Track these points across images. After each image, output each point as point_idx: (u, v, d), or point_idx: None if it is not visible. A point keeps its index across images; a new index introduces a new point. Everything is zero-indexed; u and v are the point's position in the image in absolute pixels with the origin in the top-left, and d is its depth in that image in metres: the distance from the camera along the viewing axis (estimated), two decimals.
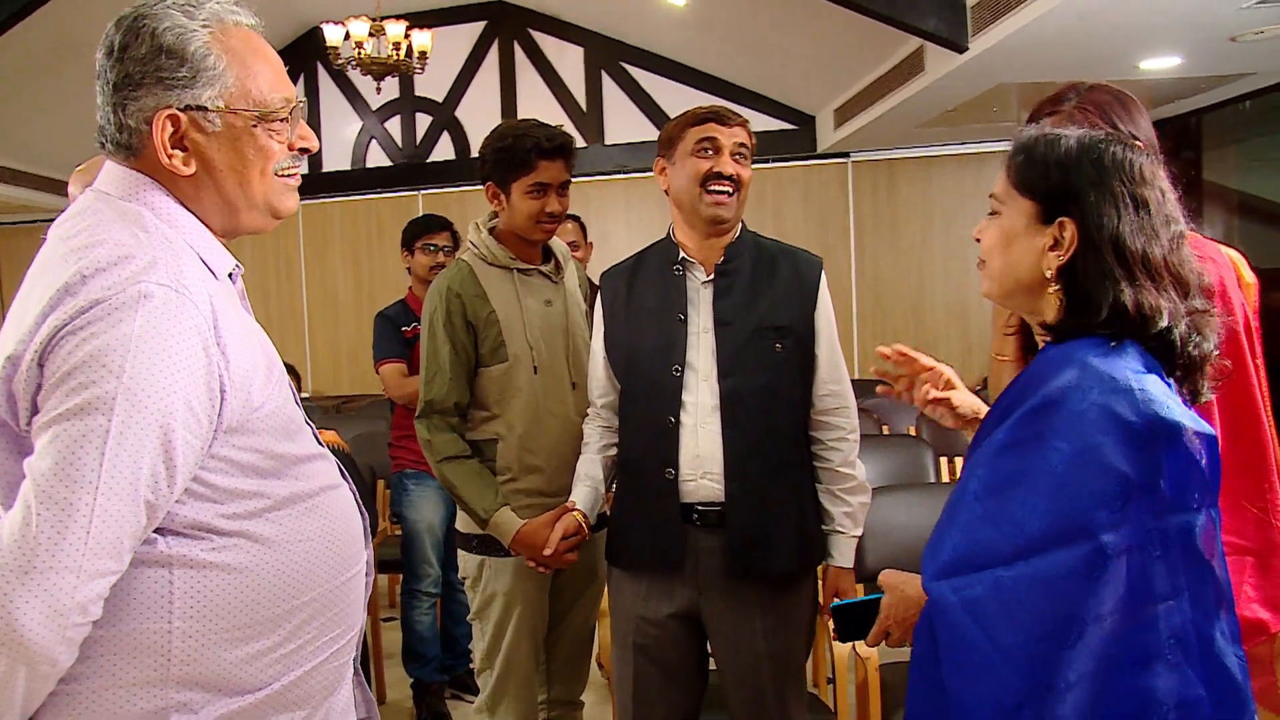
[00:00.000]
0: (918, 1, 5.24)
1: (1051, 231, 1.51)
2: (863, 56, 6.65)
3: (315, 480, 1.47)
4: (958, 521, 1.48)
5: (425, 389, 2.66)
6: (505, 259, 2.71)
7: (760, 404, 2.36)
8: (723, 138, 2.38)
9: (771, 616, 2.39)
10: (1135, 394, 1.39)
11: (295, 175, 1.51)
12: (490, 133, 2.76)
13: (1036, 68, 5.62)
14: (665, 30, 8.00)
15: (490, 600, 2.69)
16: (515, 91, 8.88)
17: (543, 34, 8.82)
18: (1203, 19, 4.81)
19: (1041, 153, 1.54)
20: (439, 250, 4.23)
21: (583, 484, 2.55)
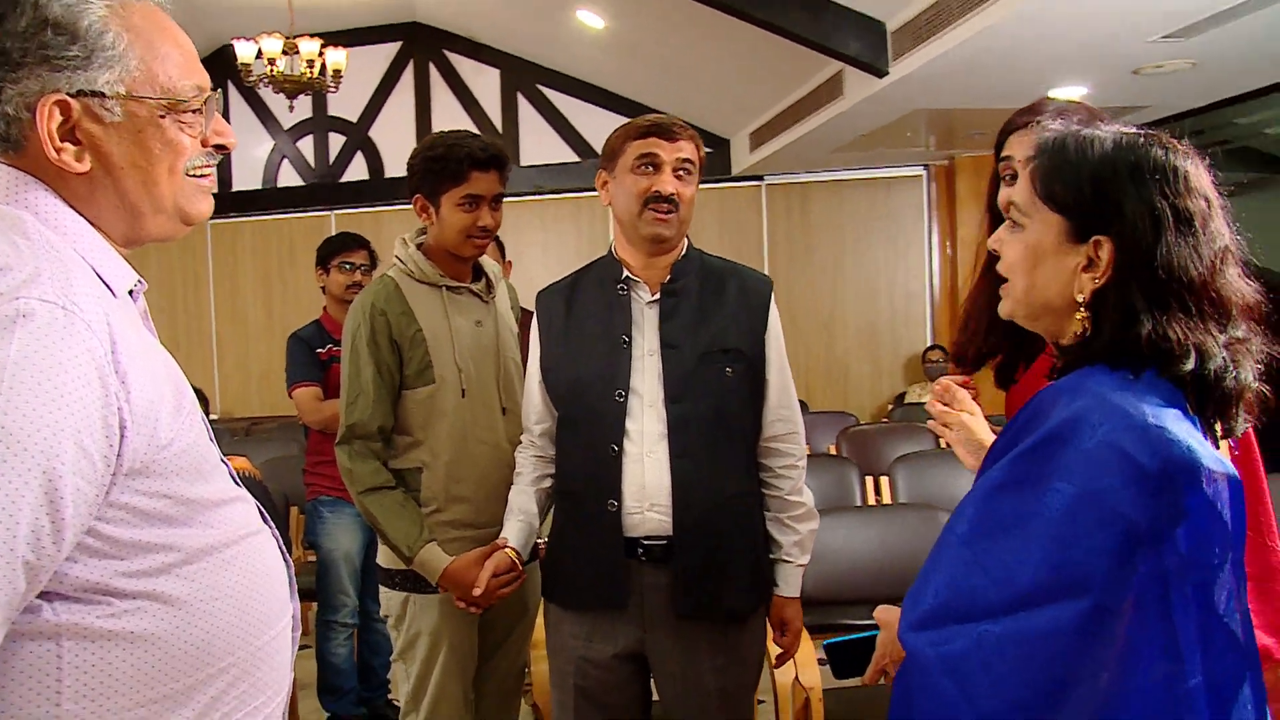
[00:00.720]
0: (840, 26, 5.16)
1: (1085, 250, 1.30)
2: (781, 80, 6.56)
3: (233, 527, 1.24)
4: (943, 566, 1.29)
5: (346, 413, 2.42)
6: (434, 276, 2.49)
7: (710, 431, 2.17)
8: (664, 153, 2.19)
9: (722, 654, 2.20)
10: (1151, 431, 1.18)
11: (209, 176, 1.28)
12: (420, 143, 2.54)
13: (951, 94, 5.58)
14: (582, 53, 7.84)
15: (415, 639, 2.45)
16: (430, 112, 8.64)
17: (458, 55, 8.61)
18: (1110, 51, 4.81)
19: (1072, 159, 1.32)
20: (356, 269, 3.98)
21: (515, 518, 2.33)
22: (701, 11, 5.35)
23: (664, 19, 6.27)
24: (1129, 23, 4.35)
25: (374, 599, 3.88)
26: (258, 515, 1.33)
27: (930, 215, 8.52)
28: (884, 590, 3.27)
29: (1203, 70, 5.12)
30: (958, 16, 4.47)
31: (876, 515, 3.44)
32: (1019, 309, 1.40)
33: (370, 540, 3.84)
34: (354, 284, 3.94)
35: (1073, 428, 1.21)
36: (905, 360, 8.59)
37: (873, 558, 3.23)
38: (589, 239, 8.51)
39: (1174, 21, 4.32)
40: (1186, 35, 4.50)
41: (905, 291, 8.59)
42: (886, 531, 3.27)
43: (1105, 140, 1.32)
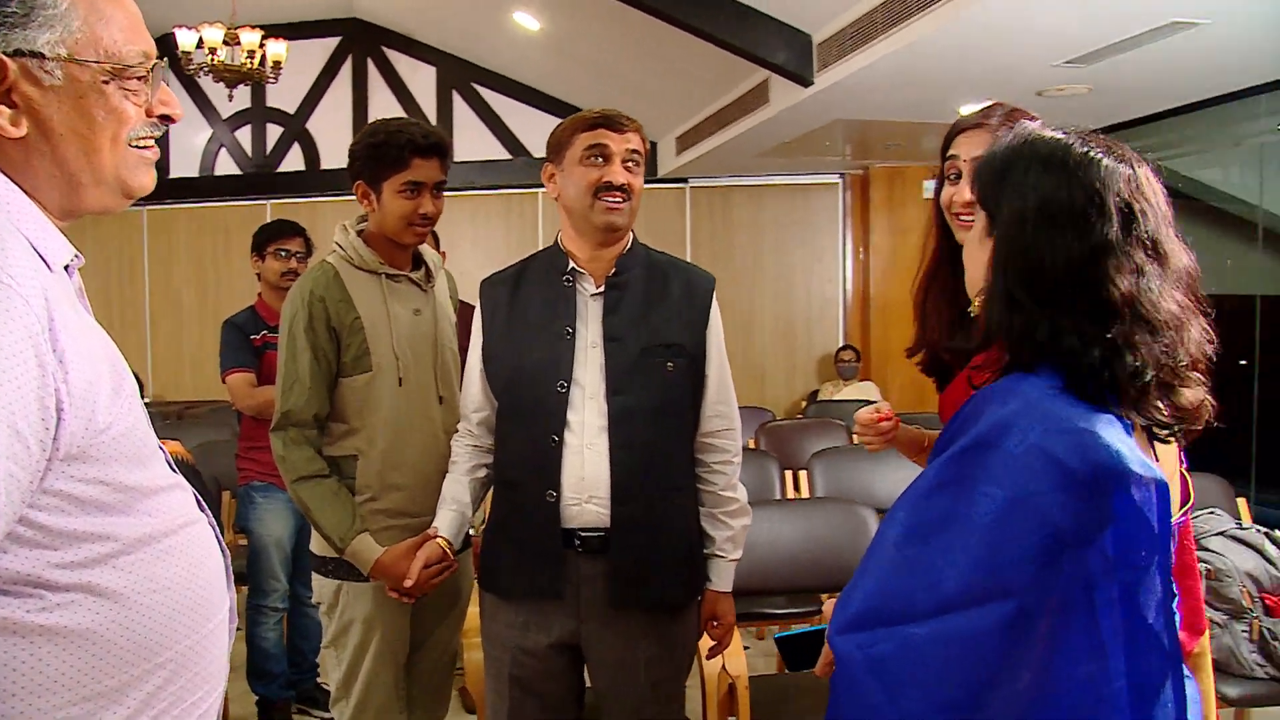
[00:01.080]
0: (769, 36, 5.11)
1: (989, 244, 1.28)
2: (708, 87, 6.51)
3: (171, 516, 1.13)
4: (872, 569, 1.24)
5: (282, 399, 2.29)
6: (373, 263, 2.37)
7: (651, 425, 2.09)
8: (614, 144, 2.11)
9: (655, 645, 2.13)
10: (1080, 436, 1.13)
11: (152, 148, 1.16)
12: (361, 130, 2.42)
13: (870, 106, 5.58)
14: (517, 54, 7.71)
15: (348, 627, 2.33)
16: (367, 107, 8.42)
17: (396, 52, 8.41)
18: (1018, 72, 4.84)
19: (994, 153, 1.30)
20: (291, 256, 3.82)
21: (447, 508, 2.22)
22: (635, 17, 5.28)
23: (599, 23, 6.17)
24: (1036, 47, 4.38)
25: (304, 584, 3.74)
26: (194, 503, 1.22)
27: (845, 222, 8.55)
28: (806, 581, 3.24)
29: (1099, 95, 5.19)
30: (881, 32, 4.45)
31: (799, 509, 3.39)
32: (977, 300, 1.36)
33: (301, 525, 3.70)
34: (289, 271, 3.79)
35: (1001, 432, 1.16)
36: (819, 359, 8.61)
37: (796, 550, 3.18)
38: (518, 235, 8.38)
39: (1076, 48, 4.37)
40: (1087, 62, 4.55)
41: (820, 294, 8.62)
42: (809, 525, 3.22)
43: (1028, 137, 1.28)
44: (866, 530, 3.21)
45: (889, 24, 4.39)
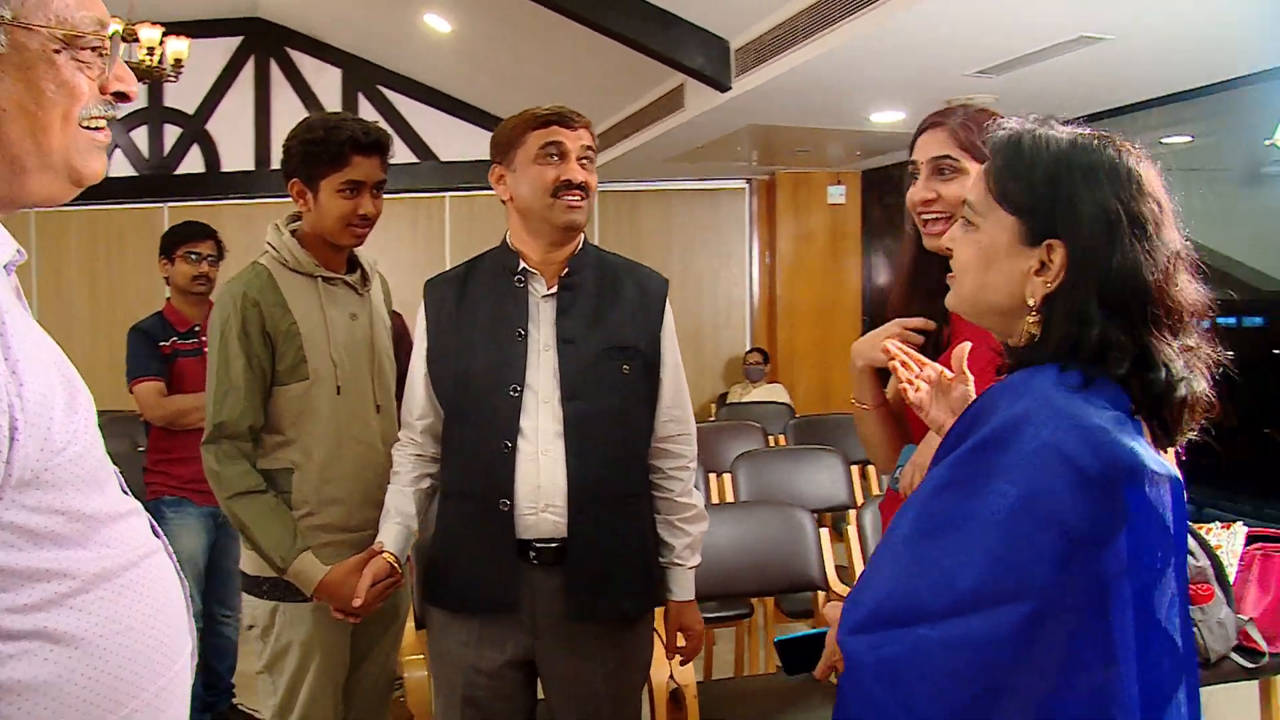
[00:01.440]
0: (687, 41, 5.03)
1: (1038, 254, 1.19)
2: (623, 91, 6.42)
3: (129, 546, 0.98)
4: (883, 568, 1.19)
5: (215, 410, 2.11)
6: (309, 265, 2.20)
7: (607, 430, 1.98)
8: (569, 141, 2.00)
9: (613, 658, 2.02)
10: (1094, 433, 1.09)
11: (104, 130, 1.01)
12: (297, 125, 2.25)
13: (785, 112, 5.56)
14: (426, 57, 7.49)
15: (285, 650, 2.15)
16: (270, 108, 8.09)
17: (300, 53, 8.09)
18: (929, 81, 4.85)
19: (1027, 159, 1.21)
20: (203, 259, 3.59)
21: (392, 521, 2.07)
22: (549, 20, 5.15)
23: (512, 26, 6.02)
24: (950, 57, 4.40)
25: (218, 601, 3.54)
26: (150, 529, 1.07)
27: (751, 226, 8.55)
28: (744, 586, 3.15)
29: (1003, 104, 5.19)
30: (801, 39, 4.41)
31: (733, 512, 3.30)
32: (965, 307, 1.31)
33: (215, 541, 3.48)
34: (200, 275, 3.57)
35: (1014, 428, 1.12)
36: (726, 361, 8.60)
37: (729, 555, 3.10)
38: (426, 240, 8.16)
39: (989, 59, 4.40)
40: (997, 72, 4.59)
41: (727, 297, 8.60)
42: (744, 529, 3.14)
43: (1060, 140, 1.22)
44: (804, 533, 3.15)
45: (809, 31, 4.35)
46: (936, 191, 1.72)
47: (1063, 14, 3.73)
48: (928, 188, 1.73)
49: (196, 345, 3.53)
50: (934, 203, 1.73)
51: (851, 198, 8.04)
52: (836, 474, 4.26)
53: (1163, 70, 4.44)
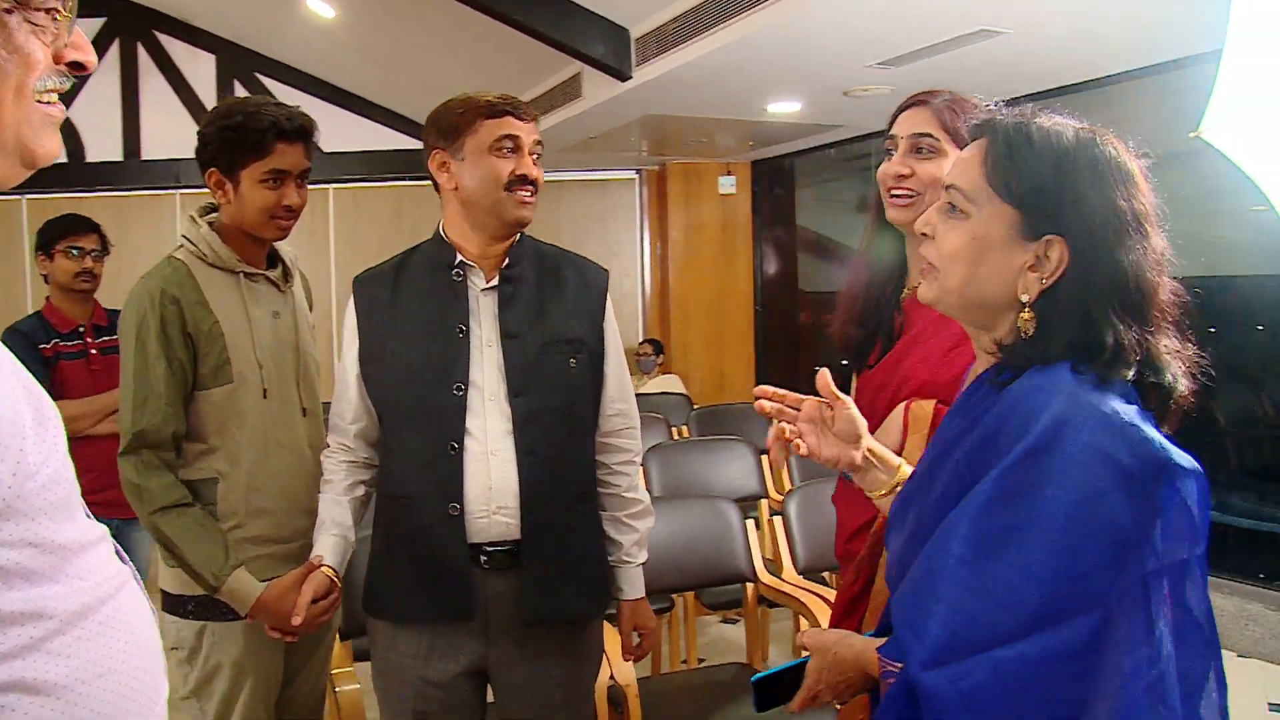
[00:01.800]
0: (586, 28, 4.95)
1: (1035, 249, 1.16)
2: (516, 80, 6.28)
3: (103, 577, 0.88)
4: (943, 591, 1.12)
5: (133, 418, 1.96)
6: (231, 260, 2.07)
7: (557, 426, 1.92)
8: (524, 135, 1.92)
9: (567, 662, 1.96)
10: (1128, 430, 1.08)
11: (58, 105, 0.89)
12: (213, 110, 2.10)
13: (684, 102, 5.53)
14: (308, 44, 7.20)
15: (214, 673, 2.02)
16: (138, 95, 7.66)
17: (171, 38, 7.67)
18: (830, 72, 4.89)
19: (1036, 149, 1.16)
20: (86, 254, 3.36)
21: (328, 533, 1.96)
22: (440, 5, 5.01)
23: (401, 12, 5.83)
24: (852, 49, 4.43)
25: None
26: (117, 556, 0.96)
27: (642, 217, 8.52)
28: (671, 580, 3.11)
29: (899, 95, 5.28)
30: (705, 28, 4.38)
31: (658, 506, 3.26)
32: (950, 299, 1.24)
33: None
34: (84, 271, 3.34)
35: (1055, 432, 1.09)
36: None
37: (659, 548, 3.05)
38: (308, 233, 7.83)
39: (889, 51, 4.45)
40: (896, 64, 4.65)
41: (619, 289, 8.52)
42: (669, 522, 3.10)
43: (1065, 133, 1.18)
44: (730, 526, 3.13)
45: (712, 21, 4.33)
46: (912, 168, 1.73)
47: (963, 8, 3.80)
48: (904, 163, 1.73)
49: (81, 347, 3.30)
50: (907, 179, 1.73)
51: (742, 188, 8.09)
52: (748, 464, 4.27)
53: (1057, 65, 4.57)
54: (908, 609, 1.15)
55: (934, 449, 1.28)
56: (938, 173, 1.71)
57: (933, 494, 1.21)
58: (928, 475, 1.24)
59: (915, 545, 1.20)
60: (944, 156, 1.73)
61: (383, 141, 7.91)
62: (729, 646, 4.44)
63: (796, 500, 3.21)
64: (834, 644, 1.30)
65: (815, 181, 8.04)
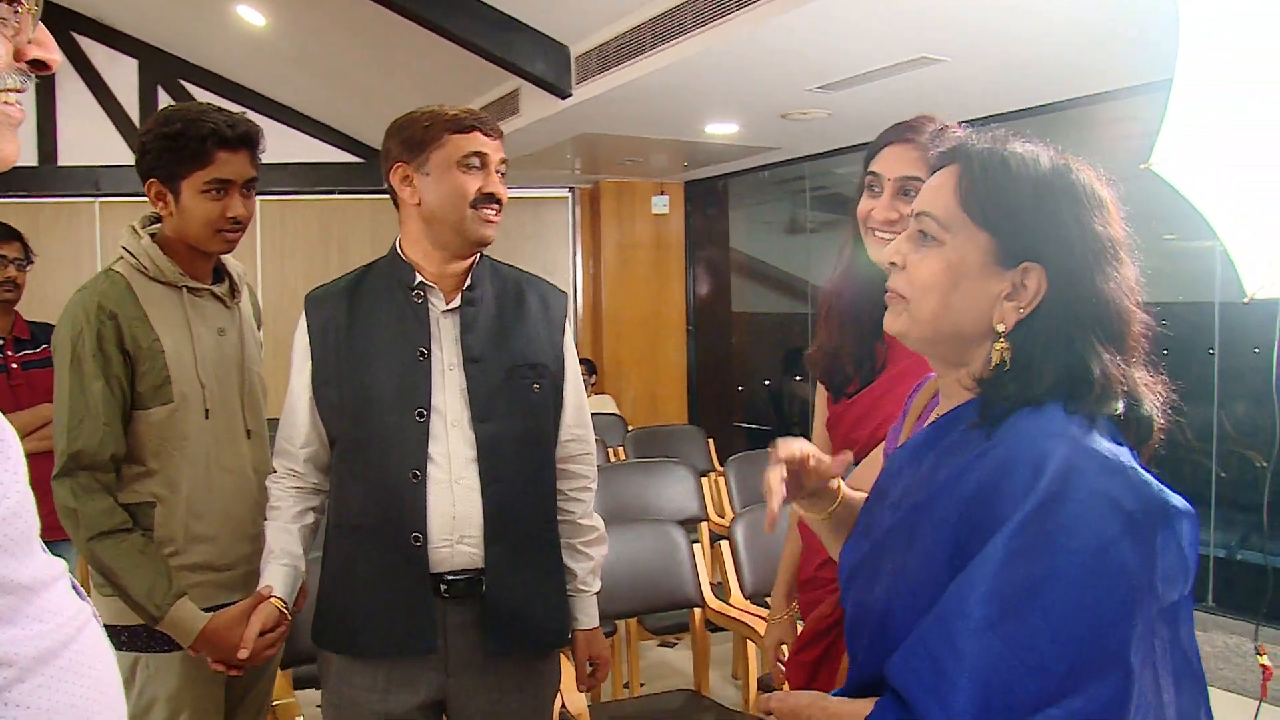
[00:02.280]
0: (525, 45, 4.91)
1: (1011, 277, 1.12)
2: (451, 95, 6.18)
3: (64, 617, 0.80)
4: (968, 657, 1.02)
5: (68, 438, 1.85)
6: (173, 274, 1.97)
7: (522, 453, 1.87)
8: (491, 152, 1.88)
9: (527, 692, 1.91)
10: (1128, 473, 1.04)
11: (18, 106, 0.82)
12: (152, 117, 2.01)
13: (622, 121, 5.51)
14: (237, 53, 7.04)
15: (149, 708, 1.91)
16: (55, 100, 7.40)
17: (90, 40, 7.43)
18: (769, 95, 4.92)
19: (1014, 174, 1.13)
20: (9, 263, 3.22)
21: (277, 562, 1.88)
22: (376, 17, 4.90)
23: (334, 21, 5.72)
24: (793, 72, 4.46)
25: None
26: (76, 593, 0.89)
27: (575, 236, 8.48)
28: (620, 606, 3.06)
29: (836, 119, 5.39)
30: (647, 48, 4.38)
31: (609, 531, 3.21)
32: (919, 331, 1.18)
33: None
34: (6, 281, 3.21)
35: (1064, 481, 1.03)
36: None
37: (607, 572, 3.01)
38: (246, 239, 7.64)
39: (830, 75, 4.49)
40: (835, 88, 4.70)
41: None
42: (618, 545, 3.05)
43: (1040, 158, 1.14)
44: (679, 550, 3.10)
45: (655, 42, 4.33)
46: (900, 212, 1.70)
47: (903, 35, 3.85)
48: (892, 207, 1.71)
49: (1, 362, 3.15)
50: (896, 223, 1.70)
51: (675, 208, 8.10)
52: (688, 486, 4.25)
53: (996, 92, 4.66)
54: (924, 676, 1.05)
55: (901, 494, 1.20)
56: None
57: (916, 547, 1.12)
58: (904, 527, 1.15)
59: (903, 599, 1.12)
60: None
61: (312, 154, 7.76)
62: (669, 671, 4.40)
63: (743, 525, 3.20)
64: (805, 707, 1.17)
65: (748, 203, 8.09)
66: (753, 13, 3.72)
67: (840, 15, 3.61)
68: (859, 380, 1.81)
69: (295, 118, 7.66)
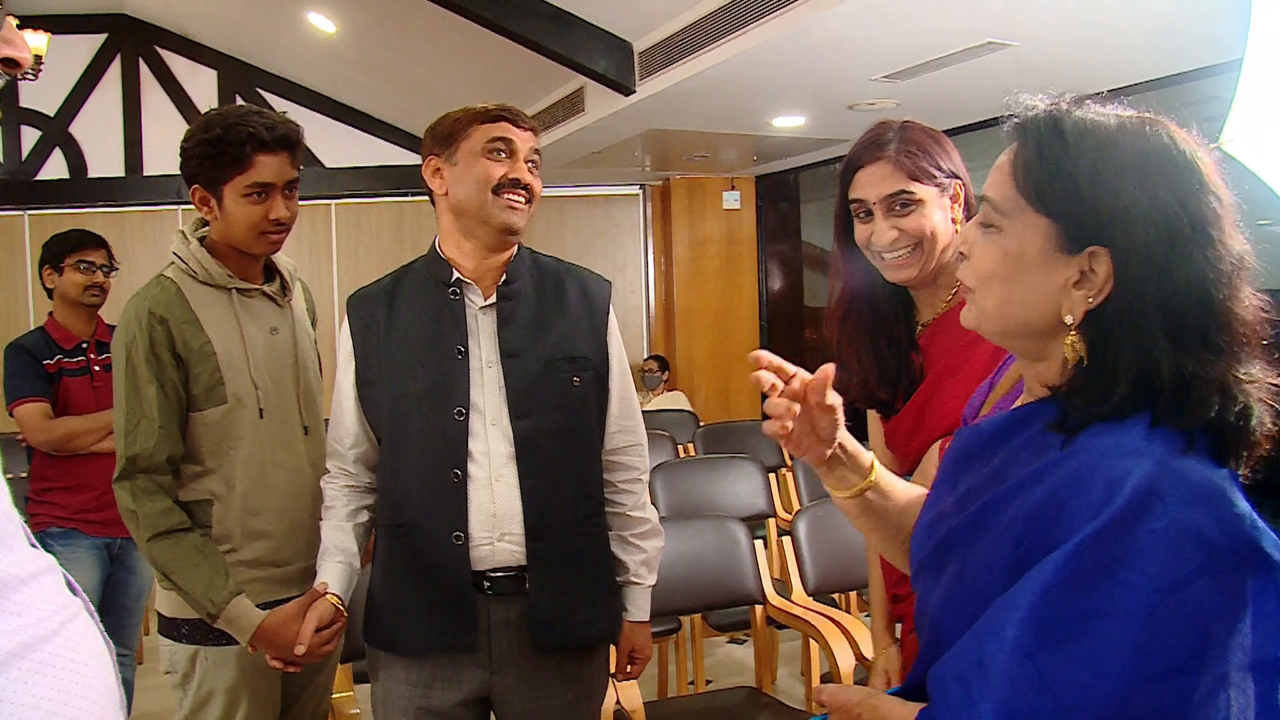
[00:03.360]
0: (589, 43, 4.93)
1: (1078, 263, 1.00)
2: (519, 95, 6.25)
3: (46, 612, 0.80)
4: (996, 683, 0.95)
5: (126, 443, 1.90)
6: (221, 277, 2.01)
7: (561, 448, 1.86)
8: (518, 141, 1.87)
9: (573, 689, 1.90)
10: (1221, 504, 0.93)
11: None
12: (195, 122, 2.04)
13: (687, 116, 5.50)
14: (309, 59, 7.20)
15: (207, 699, 1.96)
16: (140, 111, 7.65)
17: (172, 53, 7.67)
18: (835, 86, 4.86)
19: (1070, 147, 1.00)
20: (97, 269, 3.32)
21: (332, 559, 1.90)
22: (443, 20, 4.97)
23: (403, 27, 5.81)
24: (858, 62, 4.40)
25: (116, 640, 3.27)
26: (67, 588, 0.89)
27: (646, 232, 8.49)
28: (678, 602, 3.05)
29: (904, 109, 5.29)
30: (710, 42, 4.35)
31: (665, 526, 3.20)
32: (989, 324, 1.10)
33: (110, 575, 3.22)
34: (93, 285, 3.30)
35: (1141, 504, 0.92)
36: None
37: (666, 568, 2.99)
38: (310, 249, 7.82)
39: (895, 64, 4.41)
40: (902, 77, 4.62)
41: (624, 305, 8.50)
42: (678, 541, 3.04)
43: (1107, 124, 1.02)
44: (739, 546, 3.08)
45: (716, 35, 4.30)
46: (899, 229, 1.66)
47: (970, 21, 3.76)
48: (890, 227, 1.66)
49: (84, 364, 3.26)
50: (898, 240, 1.66)
51: (746, 203, 8.06)
52: (755, 482, 4.21)
53: (1066, 77, 4.54)
54: (951, 695, 0.99)
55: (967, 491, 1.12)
56: (923, 222, 1.66)
57: (974, 555, 1.06)
58: (968, 528, 1.08)
59: (954, 605, 1.07)
60: (923, 204, 1.67)
61: (385, 157, 7.90)
62: (737, 667, 4.37)
63: (806, 520, 3.16)
64: (857, 704, 1.13)
65: (820, 197, 8.00)
66: (812, 1, 3.68)
67: (901, 2, 3.55)
68: (902, 395, 1.77)
69: (368, 122, 7.80)
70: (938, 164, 1.69)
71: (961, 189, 1.71)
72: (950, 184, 1.70)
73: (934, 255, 1.68)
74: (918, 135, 1.71)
